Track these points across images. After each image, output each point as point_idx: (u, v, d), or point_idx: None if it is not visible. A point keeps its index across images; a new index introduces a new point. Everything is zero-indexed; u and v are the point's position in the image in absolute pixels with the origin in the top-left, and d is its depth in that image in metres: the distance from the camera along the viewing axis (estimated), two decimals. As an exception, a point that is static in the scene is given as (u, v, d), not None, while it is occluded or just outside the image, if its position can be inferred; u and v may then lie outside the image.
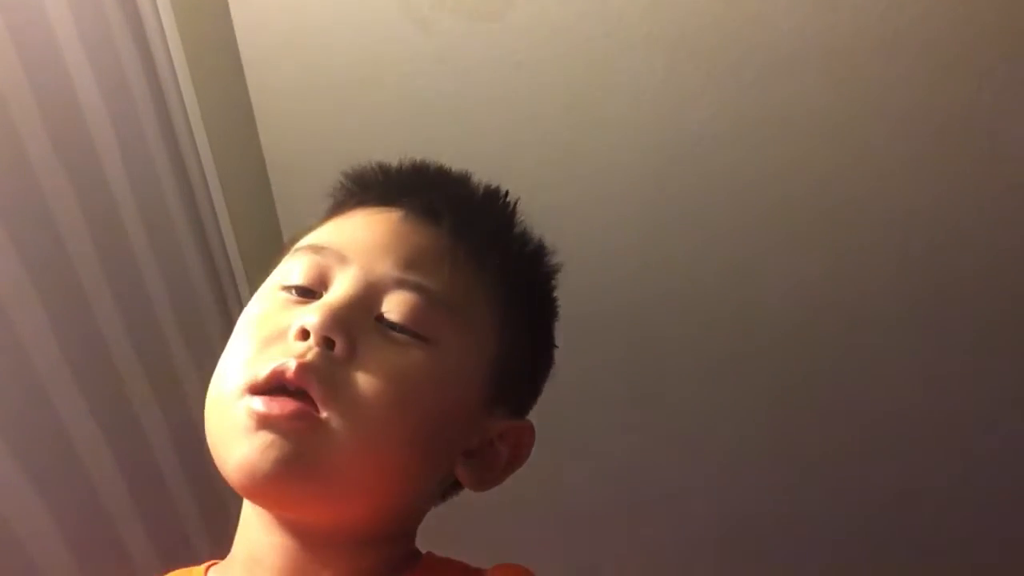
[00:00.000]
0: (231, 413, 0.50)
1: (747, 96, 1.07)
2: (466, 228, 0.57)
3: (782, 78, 1.06)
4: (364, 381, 0.51)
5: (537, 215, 0.65)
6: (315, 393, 0.49)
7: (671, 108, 1.10)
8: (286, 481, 0.49)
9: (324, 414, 0.49)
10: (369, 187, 0.61)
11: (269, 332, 0.53)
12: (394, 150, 1.22)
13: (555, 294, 0.64)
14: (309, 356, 0.50)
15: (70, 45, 0.84)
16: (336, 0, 1.08)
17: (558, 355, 0.64)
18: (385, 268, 0.54)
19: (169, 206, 1.01)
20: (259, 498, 0.53)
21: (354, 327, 0.52)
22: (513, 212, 0.61)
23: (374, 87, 1.13)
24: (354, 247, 0.55)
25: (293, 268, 0.56)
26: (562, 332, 0.65)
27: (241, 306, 1.11)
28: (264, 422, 0.49)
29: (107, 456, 0.83)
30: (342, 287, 0.54)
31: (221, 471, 0.52)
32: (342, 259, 0.55)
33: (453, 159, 0.64)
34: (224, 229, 1.10)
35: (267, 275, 0.60)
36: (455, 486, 0.60)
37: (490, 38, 1.08)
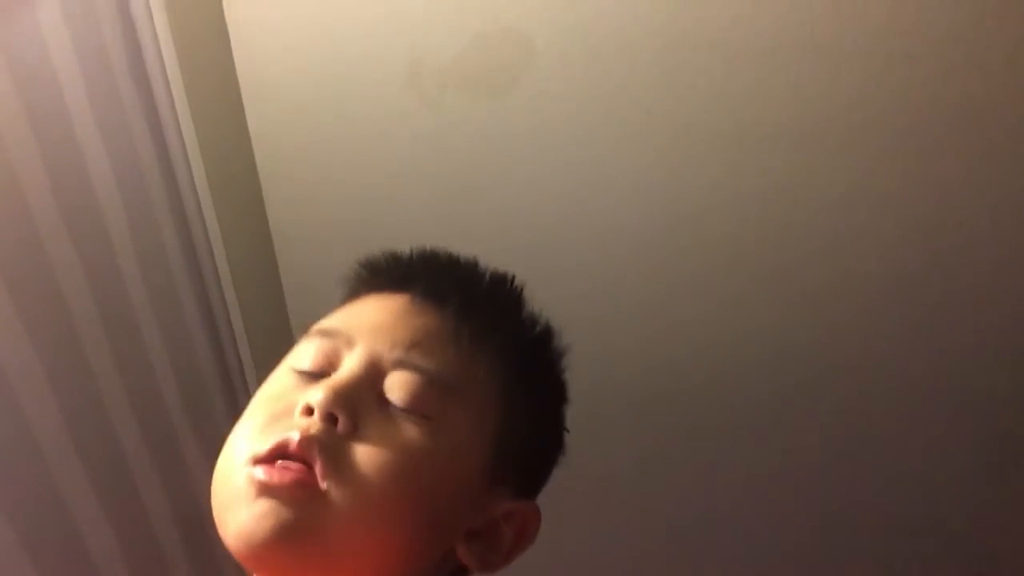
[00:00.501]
0: (234, 482, 0.52)
1: (747, 168, 1.09)
2: (471, 310, 0.59)
3: (782, 151, 1.07)
4: (364, 455, 0.52)
5: (537, 286, 0.66)
6: (316, 464, 0.51)
7: (672, 181, 1.11)
8: (283, 548, 0.50)
9: (324, 485, 0.51)
10: (380, 273, 0.64)
11: (277, 409, 0.55)
12: (397, 221, 1.24)
13: (564, 377, 0.65)
14: (312, 430, 0.52)
15: (86, 133, 0.86)
16: (343, 74, 1.10)
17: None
18: (387, 349, 0.57)
19: (176, 282, 1.02)
20: (257, 565, 0.53)
21: (357, 404, 0.54)
22: (520, 296, 0.64)
23: (379, 159, 1.15)
24: (361, 330, 0.58)
25: (305, 352, 0.59)
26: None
27: (244, 378, 1.12)
28: (264, 489, 0.50)
29: (106, 529, 0.82)
30: (347, 367, 0.56)
31: (223, 540, 0.52)
32: (349, 341, 0.58)
33: (455, 231, 0.65)
34: (229, 301, 1.11)
35: (270, 349, 0.62)
36: (462, 570, 0.60)
37: (493, 114, 1.10)
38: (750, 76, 1.04)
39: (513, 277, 0.64)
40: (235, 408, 1.13)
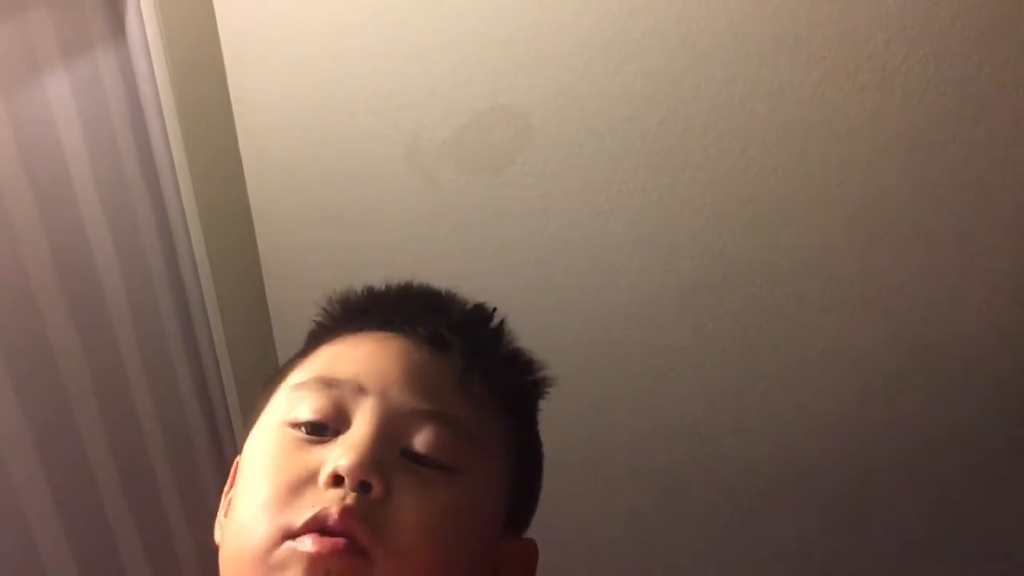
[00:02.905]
0: (271, 561, 0.48)
1: (739, 245, 1.10)
2: (475, 354, 0.57)
3: (780, 226, 1.08)
4: (403, 520, 0.50)
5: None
6: (361, 537, 0.48)
7: (670, 256, 1.12)
8: None
9: (371, 555, 0.48)
10: (363, 313, 0.61)
11: (293, 478, 0.51)
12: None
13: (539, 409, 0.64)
14: (349, 500, 0.49)
15: (90, 208, 0.88)
16: (344, 149, 1.12)
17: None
18: (406, 399, 0.54)
19: (176, 365, 1.02)
20: None
21: (384, 465, 0.51)
22: (503, 328, 0.63)
23: (378, 234, 1.16)
24: (371, 378, 0.54)
25: (302, 404, 0.54)
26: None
27: (232, 439, 1.10)
28: (316, 562, 0.47)
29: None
30: (365, 422, 0.52)
31: None
32: (360, 390, 0.54)
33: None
34: (224, 373, 1.10)
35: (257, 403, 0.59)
36: None
37: (491, 190, 1.12)
38: (747, 152, 1.05)
39: (494, 308, 0.62)
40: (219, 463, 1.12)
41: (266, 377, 1.18)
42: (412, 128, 1.10)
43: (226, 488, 0.60)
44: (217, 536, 0.58)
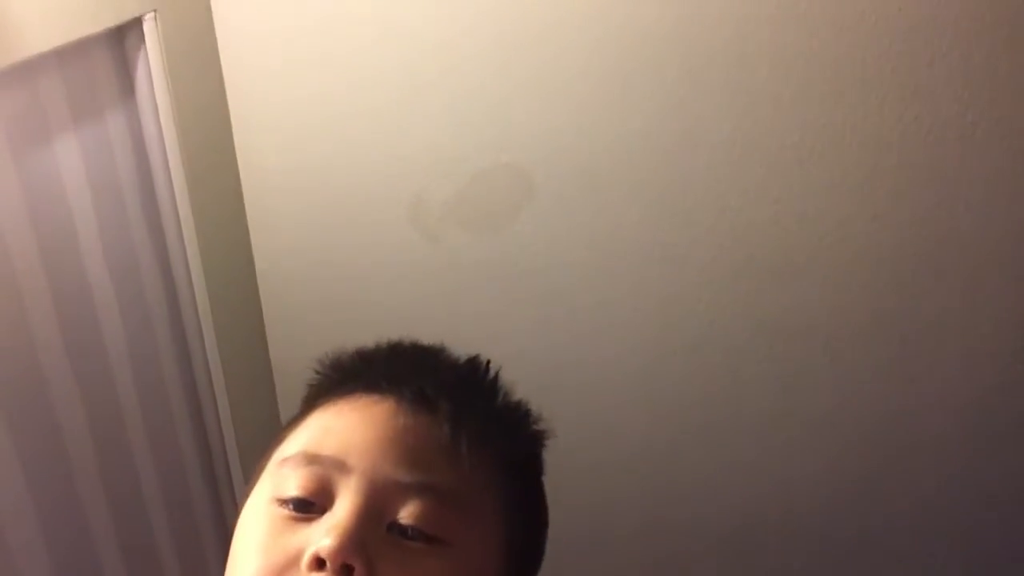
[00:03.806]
0: None
1: (742, 301, 1.10)
2: (463, 414, 0.56)
3: (782, 284, 1.09)
4: None
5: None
6: None
7: (672, 312, 1.12)
8: None
9: None
10: (350, 375, 0.60)
11: (277, 560, 0.49)
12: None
13: (542, 457, 0.62)
14: None
15: (97, 271, 0.88)
16: (346, 209, 1.13)
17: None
18: (390, 472, 0.52)
19: (176, 419, 1.02)
20: None
21: (368, 545, 0.49)
22: (496, 381, 0.61)
23: (380, 290, 1.17)
24: (352, 451, 0.53)
25: (287, 480, 0.53)
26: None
27: (231, 489, 1.09)
28: None
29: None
30: (348, 501, 0.51)
31: None
32: (342, 467, 0.52)
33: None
34: (227, 433, 1.09)
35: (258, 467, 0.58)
36: None
37: (493, 249, 1.12)
38: (748, 209, 1.06)
39: (488, 361, 0.60)
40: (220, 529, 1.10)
41: (266, 439, 1.19)
42: (414, 188, 1.11)
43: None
44: None
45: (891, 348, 1.09)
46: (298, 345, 1.22)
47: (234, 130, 1.11)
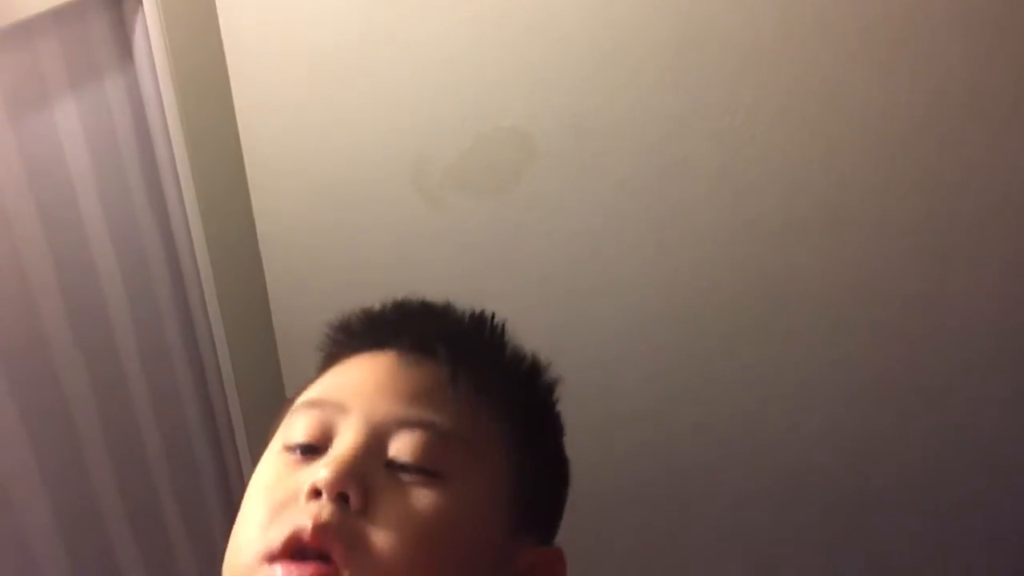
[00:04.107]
0: None
1: (745, 264, 1.10)
2: (462, 356, 0.56)
3: (783, 243, 1.09)
4: (384, 532, 0.48)
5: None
6: (336, 553, 0.47)
7: (672, 276, 1.12)
8: None
9: (347, 573, 0.47)
10: (357, 334, 0.61)
11: (280, 497, 0.51)
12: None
13: (558, 409, 0.62)
14: (324, 515, 0.48)
15: (98, 234, 0.88)
16: (348, 173, 1.13)
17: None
18: (387, 409, 0.53)
19: (179, 384, 1.02)
20: None
21: (366, 477, 0.50)
22: (503, 334, 0.61)
23: (382, 253, 1.17)
24: (352, 394, 0.54)
25: (294, 427, 0.54)
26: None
27: (239, 467, 1.10)
28: None
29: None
30: (347, 438, 0.52)
31: None
32: (342, 410, 0.54)
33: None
34: (231, 398, 1.10)
35: (266, 437, 0.59)
36: None
37: (495, 212, 1.12)
38: (751, 170, 1.06)
39: (493, 314, 0.61)
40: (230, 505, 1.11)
41: (269, 398, 1.19)
42: (415, 151, 1.10)
43: None
44: None
45: (891, 309, 1.10)
46: (300, 306, 1.23)
47: (233, 92, 1.10)
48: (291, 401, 0.59)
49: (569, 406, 0.64)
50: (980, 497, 1.17)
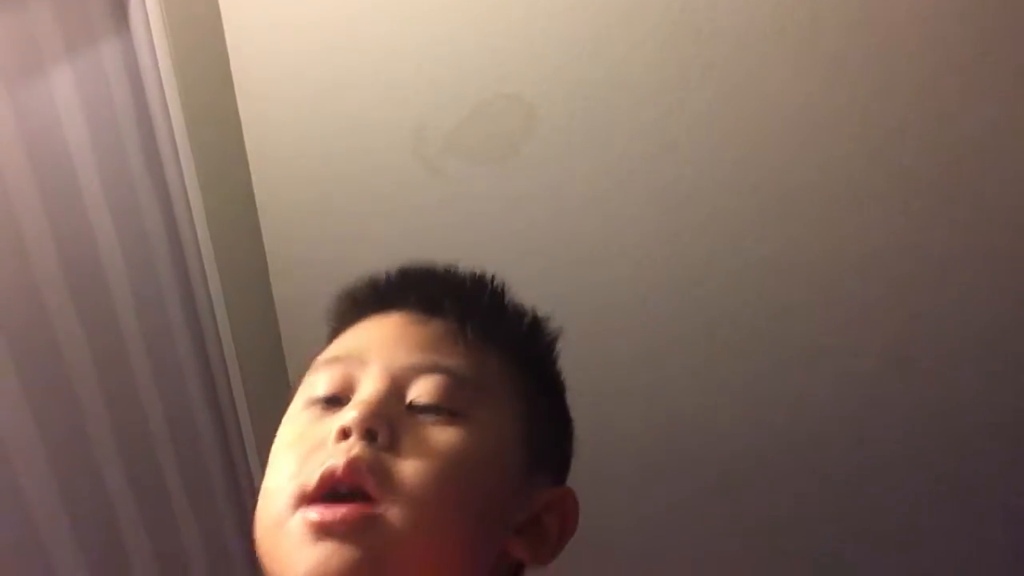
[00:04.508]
0: (287, 529, 0.51)
1: (748, 232, 1.10)
2: (468, 310, 0.60)
3: (781, 217, 1.08)
4: (411, 467, 0.51)
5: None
6: (368, 485, 0.50)
7: (673, 245, 1.12)
8: None
9: (381, 507, 0.50)
10: (364, 300, 0.64)
11: (309, 445, 0.53)
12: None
13: (559, 364, 0.66)
14: (356, 450, 0.51)
15: (96, 202, 0.87)
16: (348, 141, 1.12)
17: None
18: (405, 358, 0.57)
19: (179, 352, 1.02)
20: None
21: (391, 417, 0.53)
22: (503, 291, 0.64)
23: (382, 222, 1.16)
24: (369, 348, 0.58)
25: (316, 383, 0.58)
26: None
27: (240, 436, 1.10)
28: (323, 530, 0.49)
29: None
30: (369, 384, 0.55)
31: None
32: (361, 362, 0.57)
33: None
34: (231, 367, 1.10)
35: (270, 414, 0.61)
36: (516, 571, 0.59)
37: (495, 180, 1.11)
38: (753, 140, 1.05)
39: (494, 275, 0.64)
40: (235, 489, 1.12)
41: (268, 367, 1.19)
42: (416, 119, 1.09)
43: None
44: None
45: (890, 285, 1.09)
46: (300, 274, 1.23)
47: (231, 59, 1.09)
48: (301, 379, 0.62)
49: (571, 372, 0.65)
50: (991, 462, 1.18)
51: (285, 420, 0.59)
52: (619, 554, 1.32)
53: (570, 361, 0.65)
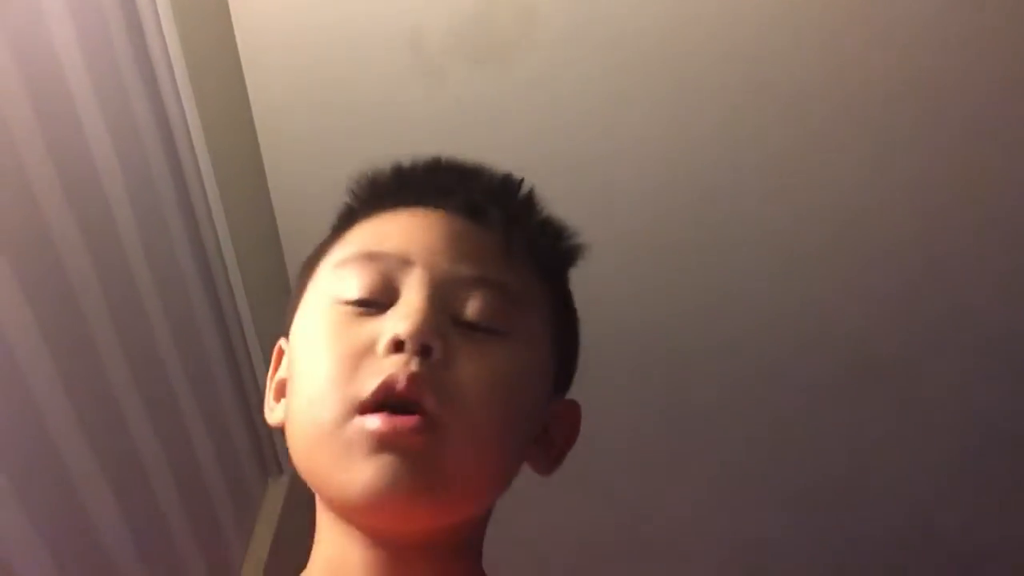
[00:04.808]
0: (342, 438, 0.48)
1: (750, 133, 1.08)
2: (513, 221, 0.57)
3: (785, 112, 1.06)
4: (468, 383, 0.50)
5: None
6: (428, 402, 0.48)
7: (678, 148, 1.11)
8: (420, 497, 0.48)
9: (441, 425, 0.49)
10: (395, 190, 0.60)
11: (351, 349, 0.50)
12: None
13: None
14: (414, 366, 0.49)
15: (95, 131, 0.85)
16: (345, 46, 1.09)
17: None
18: (453, 268, 0.53)
19: (181, 265, 1.01)
20: (386, 518, 0.51)
21: (444, 331, 0.51)
22: (534, 195, 0.62)
23: (380, 130, 1.14)
24: (415, 249, 0.54)
25: (349, 280, 0.54)
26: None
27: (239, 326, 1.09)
28: (383, 441, 0.47)
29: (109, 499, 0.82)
30: (416, 291, 0.52)
31: (335, 499, 0.51)
32: (405, 263, 0.53)
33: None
34: (234, 280, 1.09)
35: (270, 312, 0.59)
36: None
37: (495, 83, 1.09)
38: (755, 41, 1.03)
39: (522, 179, 0.61)
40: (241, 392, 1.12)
41: (276, 280, 1.18)
42: (414, 20, 1.06)
43: (270, 372, 0.61)
44: (270, 418, 0.59)
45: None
46: (298, 187, 1.21)
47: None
48: (319, 254, 0.58)
49: (583, 278, 0.64)
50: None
51: (308, 312, 0.55)
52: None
53: (584, 265, 0.64)
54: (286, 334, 0.58)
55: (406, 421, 0.48)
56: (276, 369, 0.60)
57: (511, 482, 0.57)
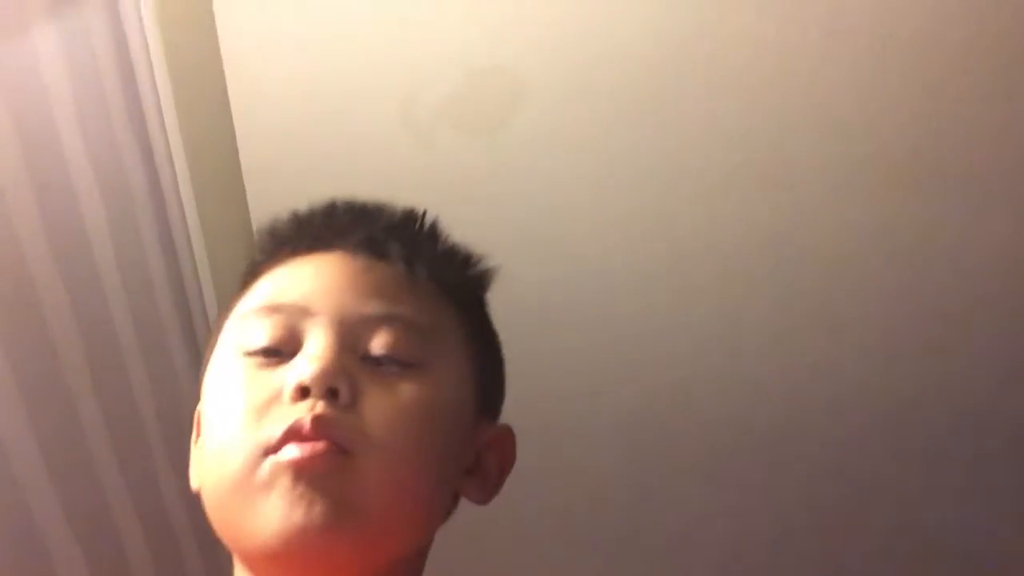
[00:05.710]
0: (255, 482, 0.48)
1: (733, 211, 1.10)
2: (415, 254, 0.57)
3: (770, 193, 1.08)
4: (378, 419, 0.50)
5: (528, 321, 0.64)
6: (336, 438, 0.48)
7: (661, 220, 1.12)
8: (338, 531, 0.47)
9: (352, 450, 0.48)
10: (289, 237, 0.60)
11: (258, 399, 0.50)
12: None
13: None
14: (319, 409, 0.48)
15: (81, 172, 0.85)
16: (337, 111, 1.11)
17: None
18: (356, 307, 0.53)
19: (160, 307, 1.00)
20: (305, 561, 0.49)
21: (350, 372, 0.51)
22: (436, 226, 0.62)
23: (369, 193, 1.15)
24: (314, 296, 0.54)
25: (252, 332, 0.54)
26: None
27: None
28: (301, 468, 0.47)
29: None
30: (320, 336, 0.52)
31: (250, 548, 0.49)
32: (306, 312, 0.53)
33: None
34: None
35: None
36: (452, 508, 0.59)
37: (485, 152, 1.11)
38: (740, 116, 1.05)
39: (424, 211, 0.62)
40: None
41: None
42: (406, 89, 1.08)
43: (193, 439, 0.60)
44: (194, 483, 0.57)
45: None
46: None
47: (218, 23, 1.07)
48: (226, 311, 0.58)
49: (561, 349, 0.64)
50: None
51: (216, 368, 0.55)
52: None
53: (561, 332, 0.64)
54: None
55: (318, 445, 0.47)
56: (198, 435, 0.59)
57: (445, 518, 0.57)
